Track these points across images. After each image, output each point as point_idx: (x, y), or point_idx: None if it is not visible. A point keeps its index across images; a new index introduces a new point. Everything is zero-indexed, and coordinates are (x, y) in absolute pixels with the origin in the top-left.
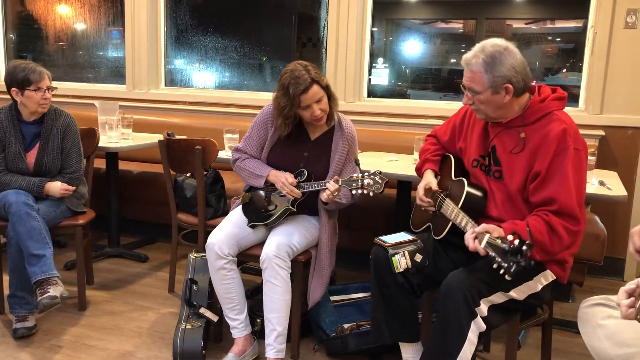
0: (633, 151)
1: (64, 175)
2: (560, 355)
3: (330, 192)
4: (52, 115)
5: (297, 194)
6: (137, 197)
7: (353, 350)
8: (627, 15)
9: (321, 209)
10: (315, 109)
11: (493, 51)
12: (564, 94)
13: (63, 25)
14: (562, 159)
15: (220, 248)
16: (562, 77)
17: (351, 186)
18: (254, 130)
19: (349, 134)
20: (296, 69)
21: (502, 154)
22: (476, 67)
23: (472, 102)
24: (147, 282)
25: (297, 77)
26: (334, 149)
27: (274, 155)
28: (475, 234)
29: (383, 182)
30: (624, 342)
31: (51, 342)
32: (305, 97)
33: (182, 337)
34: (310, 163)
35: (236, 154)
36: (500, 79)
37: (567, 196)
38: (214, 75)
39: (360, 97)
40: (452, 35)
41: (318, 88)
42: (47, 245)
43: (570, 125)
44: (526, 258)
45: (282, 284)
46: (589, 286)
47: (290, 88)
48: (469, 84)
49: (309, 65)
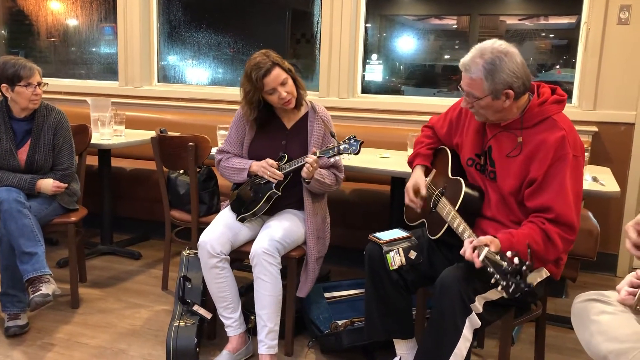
0: (626, 147)
1: (56, 172)
2: (553, 351)
3: (309, 164)
4: (44, 112)
5: (278, 175)
6: (129, 194)
7: (347, 347)
8: (620, 11)
9: (305, 192)
10: (281, 91)
11: (493, 57)
12: (564, 95)
13: (55, 21)
14: (561, 167)
15: (212, 247)
16: (555, 73)
17: (329, 154)
18: (232, 129)
19: (323, 115)
20: (256, 56)
21: (497, 156)
22: (475, 73)
23: (472, 105)
24: (140, 280)
25: (257, 62)
26: (310, 132)
27: (254, 148)
28: (474, 245)
29: (358, 143)
30: (617, 337)
31: (44, 340)
32: (268, 80)
33: (175, 335)
34: (289, 149)
35: (219, 155)
36: (501, 86)
37: (564, 205)
38: (207, 72)
39: (354, 93)
40: (445, 31)
41: (280, 70)
42: (39, 242)
43: (569, 130)
44: (526, 280)
45: (272, 280)
46: (582, 282)
47: (252, 73)
48: (469, 90)
49: (270, 51)
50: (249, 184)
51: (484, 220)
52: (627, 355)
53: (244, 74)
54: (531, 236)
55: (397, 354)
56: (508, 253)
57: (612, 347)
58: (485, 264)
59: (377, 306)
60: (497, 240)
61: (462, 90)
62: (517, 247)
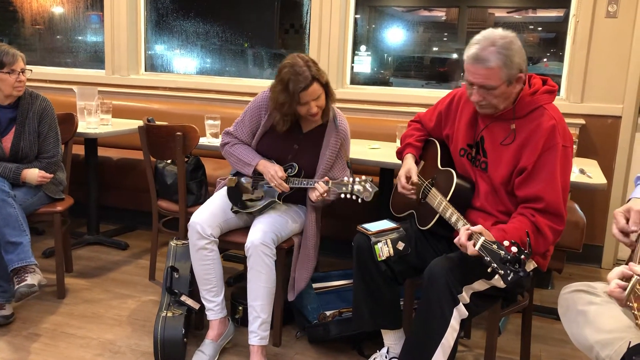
0: (612, 140)
1: (42, 160)
2: (539, 341)
3: (319, 193)
4: (28, 99)
5: (285, 188)
6: (116, 184)
7: (335, 337)
8: (608, 4)
9: (308, 205)
10: (313, 106)
11: (505, 42)
12: (555, 86)
13: (40, 8)
14: (550, 156)
15: (202, 228)
16: (543, 66)
17: (340, 190)
18: (247, 115)
19: (343, 131)
20: (297, 64)
21: (489, 146)
22: (495, 62)
23: (483, 98)
24: (127, 270)
25: (297, 74)
26: (325, 145)
27: (264, 143)
28: (470, 232)
29: (373, 190)
30: (603, 328)
31: (29, 331)
32: (304, 94)
33: (163, 325)
34: (300, 156)
35: (226, 137)
36: (516, 70)
37: (553, 195)
38: (195, 61)
39: (343, 85)
40: (434, 23)
41: (318, 86)
42: (24, 232)
43: (559, 120)
44: (524, 268)
45: (268, 271)
46: (567, 273)
47: (290, 84)
48: (484, 82)
49: (310, 60)
50: (251, 180)
51: (473, 210)
52: (613, 345)
53: (279, 80)
54: (522, 228)
55: (385, 344)
56: (505, 242)
57: (598, 338)
58: (482, 252)
59: (365, 297)
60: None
61: (471, 85)
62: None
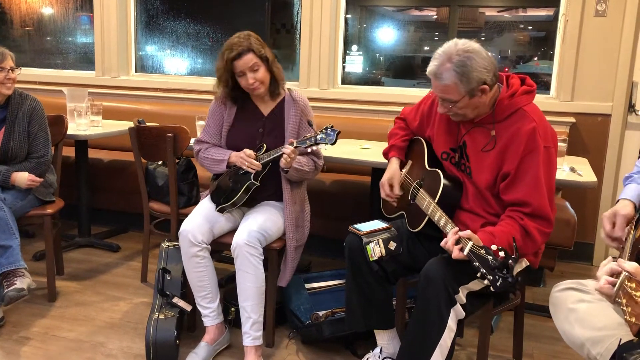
0: (602, 138)
1: (31, 160)
2: (531, 339)
3: (287, 155)
4: (18, 99)
5: (256, 165)
6: (107, 185)
7: (328, 338)
8: (597, 3)
9: (283, 181)
10: (249, 77)
11: (461, 59)
12: (533, 86)
13: (29, 10)
14: (533, 160)
15: (193, 235)
16: (533, 65)
17: (306, 144)
18: (210, 118)
19: (301, 101)
20: (236, 36)
21: (471, 151)
22: (449, 79)
23: (449, 109)
24: (119, 272)
25: (233, 44)
26: (287, 119)
27: (232, 136)
28: (458, 237)
29: (335, 132)
30: (594, 325)
31: (20, 335)
32: (237, 63)
33: (155, 327)
34: (267, 137)
35: (197, 145)
36: (476, 84)
37: (539, 199)
38: (185, 62)
39: (334, 84)
40: (425, 22)
41: (253, 56)
42: (14, 235)
43: (539, 121)
44: (512, 274)
45: (255, 271)
46: (559, 271)
47: (225, 53)
48: (444, 96)
49: (253, 35)
50: (228, 175)
51: (462, 212)
52: (603, 343)
53: (220, 52)
54: (511, 233)
55: (377, 344)
56: (493, 246)
57: (589, 335)
58: (471, 257)
59: (357, 297)
60: (478, 238)
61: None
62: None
